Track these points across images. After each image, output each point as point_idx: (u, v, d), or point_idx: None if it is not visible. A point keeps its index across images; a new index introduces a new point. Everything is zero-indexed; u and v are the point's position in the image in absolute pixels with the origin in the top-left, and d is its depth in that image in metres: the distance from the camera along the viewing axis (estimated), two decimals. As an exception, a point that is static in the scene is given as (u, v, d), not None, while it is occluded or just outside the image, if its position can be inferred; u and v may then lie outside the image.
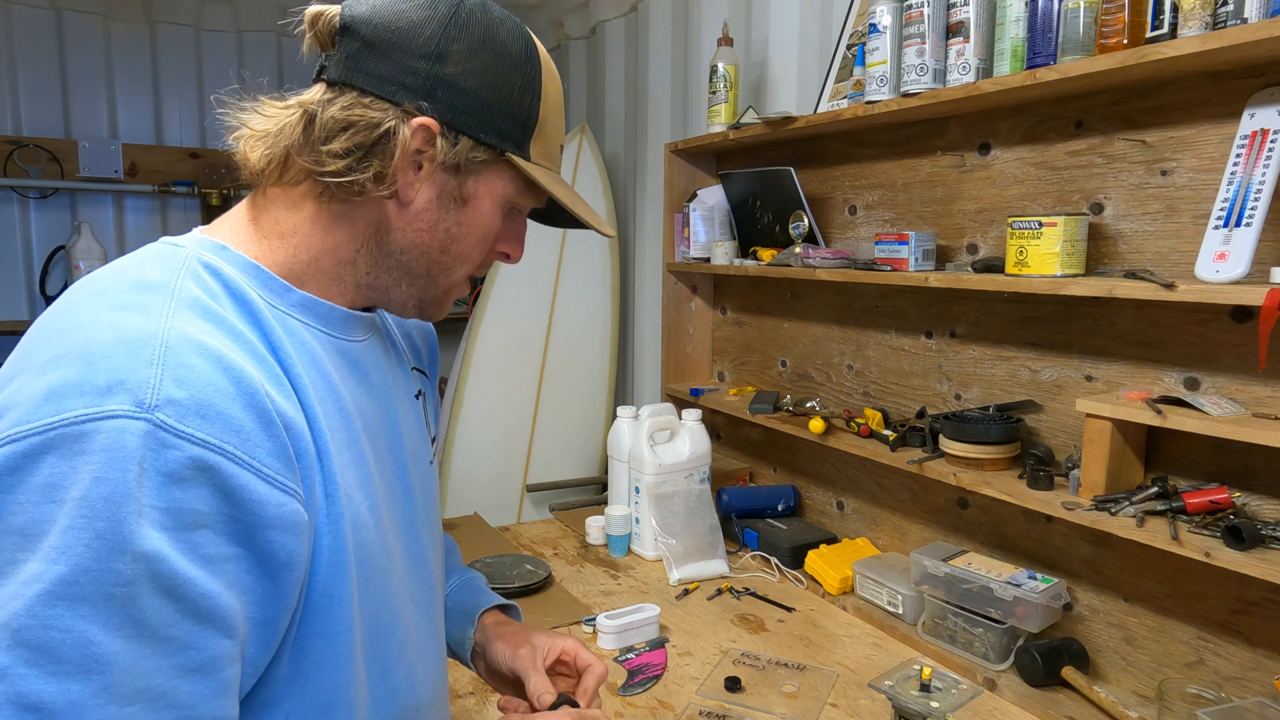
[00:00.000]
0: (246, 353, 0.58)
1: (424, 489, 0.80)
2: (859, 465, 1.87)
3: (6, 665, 0.46)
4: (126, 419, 0.49)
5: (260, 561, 0.55)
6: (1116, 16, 1.18)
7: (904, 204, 1.73)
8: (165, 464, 0.50)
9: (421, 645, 0.77)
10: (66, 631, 0.47)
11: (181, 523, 0.50)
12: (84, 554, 0.47)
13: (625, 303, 2.98)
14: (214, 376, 0.54)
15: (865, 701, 1.31)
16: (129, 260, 0.64)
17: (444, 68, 0.66)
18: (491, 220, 0.73)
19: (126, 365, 0.51)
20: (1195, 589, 1.24)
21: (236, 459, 0.53)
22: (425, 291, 0.74)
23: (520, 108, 0.70)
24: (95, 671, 0.47)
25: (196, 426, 0.51)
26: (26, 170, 2.93)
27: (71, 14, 2.99)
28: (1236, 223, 1.08)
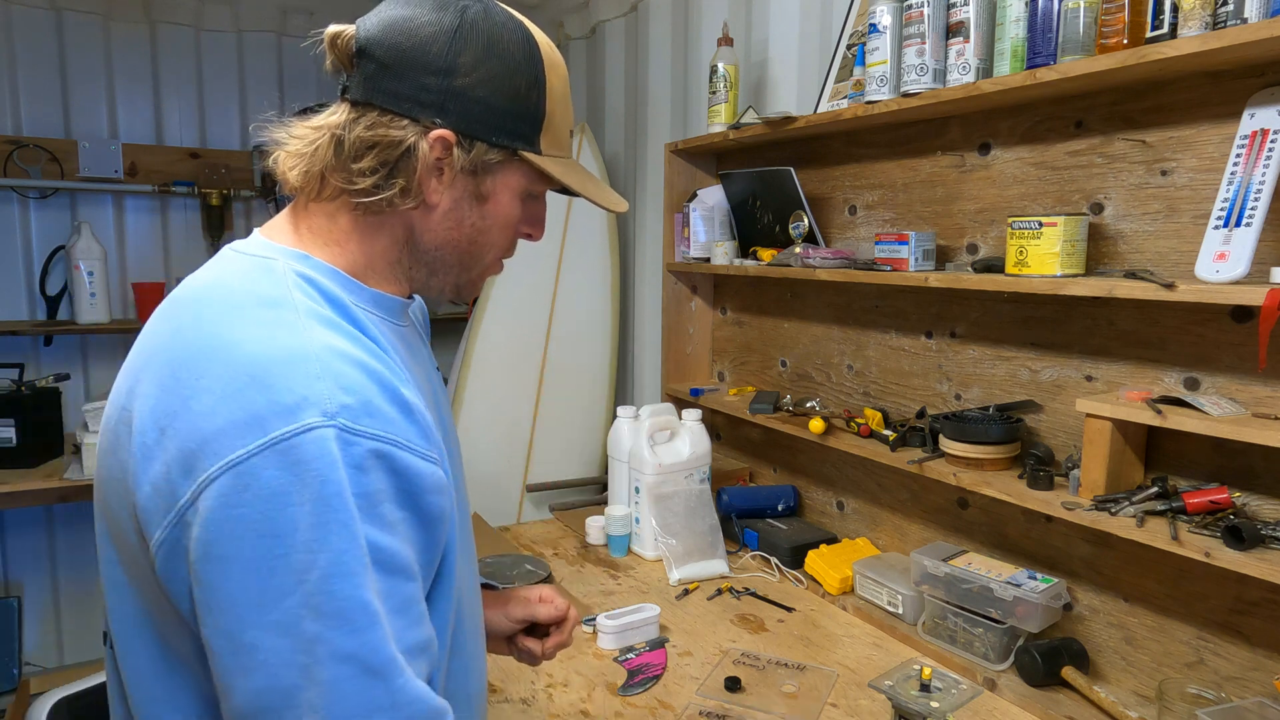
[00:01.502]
0: (367, 352, 0.68)
1: (460, 468, 0.87)
2: (859, 465, 1.87)
3: (318, 632, 0.59)
4: (321, 429, 0.60)
5: (422, 520, 0.67)
6: (1116, 16, 1.18)
7: (904, 204, 1.73)
8: (353, 458, 0.61)
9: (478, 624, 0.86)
10: (349, 599, 0.60)
11: (371, 502, 0.62)
12: (338, 540, 0.60)
13: (625, 303, 2.98)
14: (363, 380, 0.64)
15: (865, 701, 1.31)
16: (228, 274, 0.72)
17: (454, 80, 0.72)
18: (512, 210, 0.79)
19: (301, 382, 0.61)
20: (1195, 589, 1.24)
21: (399, 444, 0.64)
22: (460, 278, 0.81)
23: (527, 106, 0.75)
24: (377, 623, 0.61)
25: (368, 424, 0.63)
26: (26, 170, 2.92)
27: (71, 14, 2.99)
28: (1236, 223, 1.08)
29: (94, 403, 2.50)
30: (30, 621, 3.04)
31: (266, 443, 0.59)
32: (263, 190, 3.23)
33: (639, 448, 1.93)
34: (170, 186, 3.09)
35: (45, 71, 2.98)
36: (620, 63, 2.99)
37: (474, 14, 0.73)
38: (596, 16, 3.04)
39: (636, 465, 1.94)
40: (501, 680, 1.37)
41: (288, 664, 0.58)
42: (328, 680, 0.58)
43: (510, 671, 1.40)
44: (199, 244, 3.25)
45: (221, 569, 0.59)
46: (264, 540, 0.58)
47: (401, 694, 0.61)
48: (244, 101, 3.30)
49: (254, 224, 3.66)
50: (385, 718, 0.60)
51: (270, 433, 0.59)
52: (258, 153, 3.23)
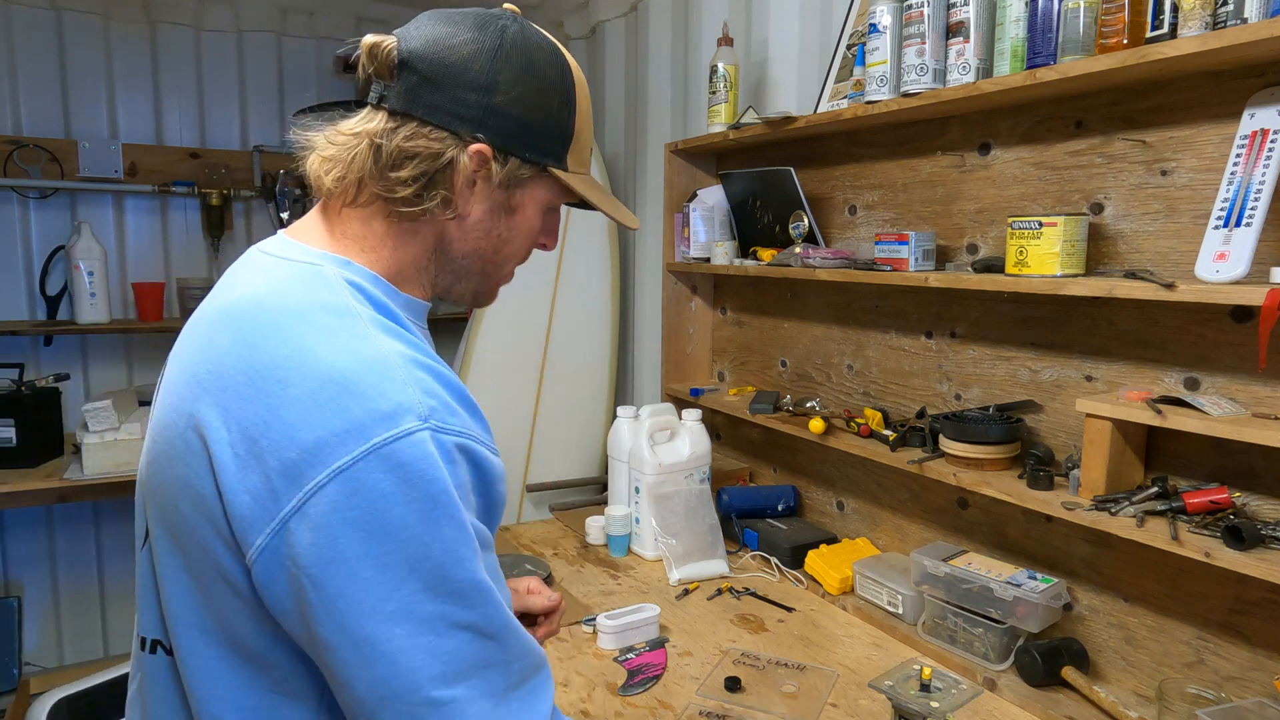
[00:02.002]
0: (428, 356, 0.72)
1: None
2: (859, 465, 1.87)
3: (438, 610, 0.64)
4: (419, 432, 0.64)
5: (488, 505, 0.73)
6: (1116, 16, 1.18)
7: (904, 204, 1.73)
8: (446, 454, 0.66)
9: None
10: (465, 582, 0.66)
11: (461, 491, 0.67)
12: (450, 531, 0.65)
13: (625, 303, 2.98)
14: (436, 383, 0.69)
15: (865, 701, 1.31)
16: (282, 282, 0.73)
17: (493, 98, 0.75)
18: (535, 222, 0.84)
19: (392, 389, 0.65)
20: (1195, 589, 1.24)
21: (476, 439, 0.70)
22: (480, 285, 0.86)
23: (558, 125, 0.80)
24: (491, 596, 0.68)
25: (451, 423, 0.67)
26: (26, 170, 2.92)
27: (71, 14, 2.99)
28: (1236, 223, 1.08)
29: (94, 403, 2.50)
30: (30, 621, 3.04)
31: (370, 448, 0.63)
32: (263, 190, 3.23)
33: (639, 448, 1.93)
34: (170, 186, 3.09)
35: (45, 71, 2.98)
36: (620, 63, 2.99)
37: (513, 34, 0.77)
38: (596, 16, 3.04)
39: (636, 465, 1.94)
40: (501, 680, 1.37)
41: (406, 648, 0.63)
42: (450, 649, 0.64)
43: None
44: (199, 244, 3.25)
45: (336, 570, 0.62)
46: (375, 540, 0.62)
47: (515, 649, 0.69)
48: (244, 101, 3.30)
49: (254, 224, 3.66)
50: (499, 670, 0.67)
51: (372, 439, 0.63)
52: (258, 153, 3.23)
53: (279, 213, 3.09)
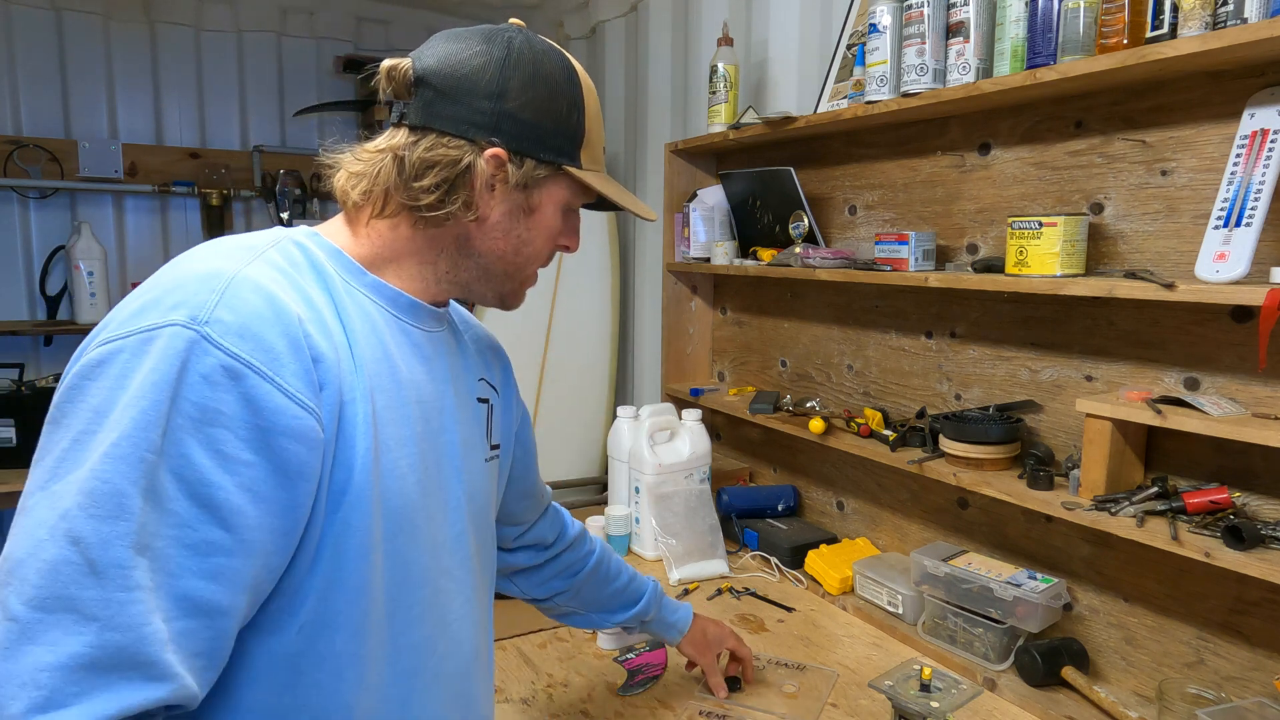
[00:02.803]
0: (298, 297, 0.70)
1: (474, 480, 0.90)
2: (859, 465, 1.87)
3: (68, 507, 0.57)
4: (181, 328, 0.62)
5: (277, 469, 0.64)
6: (1116, 16, 1.18)
7: (904, 204, 1.73)
8: (203, 366, 0.61)
9: (454, 618, 0.85)
10: (107, 483, 0.57)
11: (206, 418, 0.61)
12: (129, 425, 0.59)
13: (625, 303, 2.98)
14: (260, 308, 0.65)
15: (865, 701, 1.31)
16: (244, 234, 0.77)
17: (505, 104, 0.79)
18: (554, 222, 0.86)
19: (194, 291, 0.64)
20: (1195, 589, 1.24)
21: (262, 373, 0.63)
22: (503, 286, 0.87)
23: (569, 125, 0.82)
24: (121, 518, 0.57)
25: (234, 343, 0.63)
26: (26, 170, 2.92)
27: (71, 14, 2.99)
28: (1236, 223, 1.08)
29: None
30: (30, 621, 3.03)
31: (135, 330, 0.62)
32: (263, 190, 3.23)
33: (639, 448, 1.93)
34: (170, 186, 3.09)
35: (45, 71, 2.98)
36: (620, 63, 2.99)
37: (519, 45, 0.80)
38: (596, 16, 3.04)
39: (636, 465, 1.94)
40: (502, 680, 1.37)
41: (31, 534, 0.57)
42: (50, 558, 0.55)
43: (510, 671, 1.40)
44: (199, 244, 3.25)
45: (52, 431, 0.61)
46: (90, 415, 0.60)
47: (111, 609, 0.55)
48: (244, 101, 3.30)
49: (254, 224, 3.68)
50: (81, 624, 0.55)
51: (142, 323, 0.62)
52: (258, 153, 3.23)
53: (279, 212, 3.09)
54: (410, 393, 0.79)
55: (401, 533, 0.76)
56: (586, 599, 1.22)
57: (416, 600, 0.79)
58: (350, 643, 0.72)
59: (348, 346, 0.73)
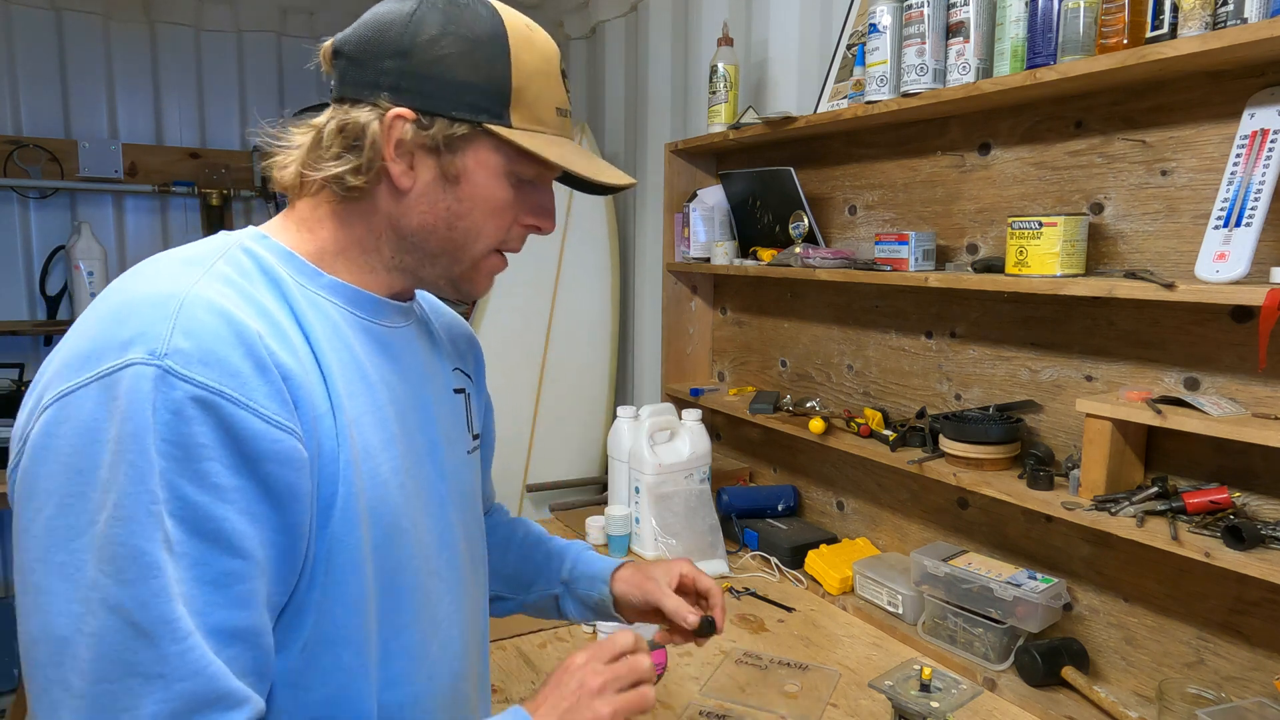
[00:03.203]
0: (255, 311, 0.66)
1: (457, 474, 0.87)
2: (859, 465, 1.87)
3: (95, 578, 0.56)
4: (141, 366, 0.58)
5: (266, 492, 0.62)
6: (1116, 16, 1.18)
7: (904, 204, 1.73)
8: (171, 402, 0.58)
9: (444, 619, 0.82)
10: (125, 545, 0.56)
11: (188, 454, 0.58)
12: (126, 482, 0.57)
13: (625, 303, 2.98)
14: (219, 329, 0.62)
15: (865, 701, 1.31)
16: (187, 245, 0.73)
17: (411, 61, 0.72)
18: (493, 192, 0.77)
19: (146, 320, 0.60)
20: (1195, 589, 1.24)
21: (234, 399, 0.60)
22: (450, 269, 0.80)
23: (490, 79, 0.73)
24: (151, 576, 0.57)
25: (198, 371, 0.59)
26: (26, 170, 2.93)
27: (71, 14, 2.99)
28: (1236, 223, 1.08)
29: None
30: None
31: (94, 376, 0.58)
32: (263, 190, 3.23)
33: (639, 448, 1.93)
34: (170, 186, 3.09)
35: (45, 71, 2.98)
36: (620, 63, 2.99)
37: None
38: (596, 16, 3.04)
39: (636, 465, 1.94)
40: (502, 680, 1.37)
41: (63, 611, 0.56)
42: (95, 630, 0.56)
43: (510, 671, 1.40)
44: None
45: (28, 501, 0.59)
46: (70, 475, 0.57)
47: (172, 662, 0.56)
48: (244, 101, 3.30)
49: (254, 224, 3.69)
50: (148, 684, 0.56)
51: (100, 366, 0.59)
52: (257, 153, 3.23)
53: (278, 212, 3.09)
54: (383, 394, 0.76)
55: (389, 540, 0.74)
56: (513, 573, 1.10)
57: (407, 605, 0.77)
58: (354, 657, 0.71)
59: (312, 356, 0.69)
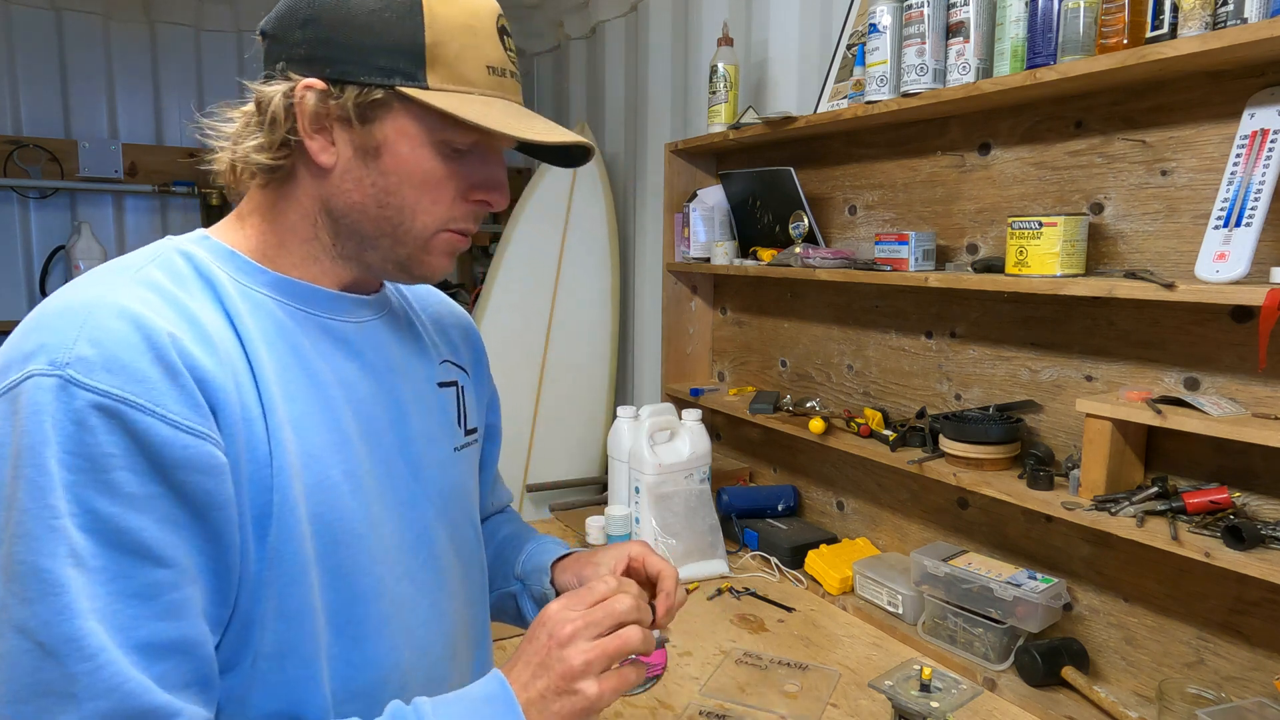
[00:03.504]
0: (177, 314, 0.63)
1: (441, 474, 0.83)
2: (859, 465, 1.87)
3: (3, 599, 0.55)
4: (41, 376, 0.57)
5: (183, 500, 0.60)
6: (1116, 16, 1.18)
7: (904, 204, 1.73)
8: (73, 412, 0.56)
9: (417, 623, 0.78)
10: (23, 563, 0.55)
11: (95, 464, 0.56)
12: (24, 498, 0.55)
13: (625, 303, 2.98)
14: (127, 335, 0.59)
15: (865, 701, 1.31)
16: (130, 253, 0.71)
17: (319, 27, 0.68)
18: (419, 163, 0.71)
19: (54, 330, 0.59)
20: (1195, 589, 1.24)
21: (139, 406, 0.58)
22: (394, 251, 0.74)
23: (400, 39, 0.68)
24: (53, 594, 0.54)
25: (103, 379, 0.57)
26: (26, 170, 2.93)
27: (71, 14, 2.99)
28: (1236, 223, 1.08)
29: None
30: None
31: (2, 389, 0.57)
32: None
33: (639, 448, 1.93)
34: (170, 186, 3.09)
35: (45, 71, 2.98)
36: (620, 63, 2.99)
37: None
38: (596, 16, 3.04)
39: (636, 465, 1.94)
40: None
41: None
42: (4, 652, 0.54)
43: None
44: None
45: None
46: None
47: (81, 681, 0.54)
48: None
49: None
50: (61, 704, 0.54)
51: (4, 380, 0.58)
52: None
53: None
54: (337, 393, 0.72)
55: (341, 546, 0.70)
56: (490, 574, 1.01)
57: (369, 614, 0.73)
58: (299, 669, 0.68)
59: (245, 359, 0.66)
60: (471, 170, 0.74)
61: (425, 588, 0.79)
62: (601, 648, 0.68)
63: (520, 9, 3.37)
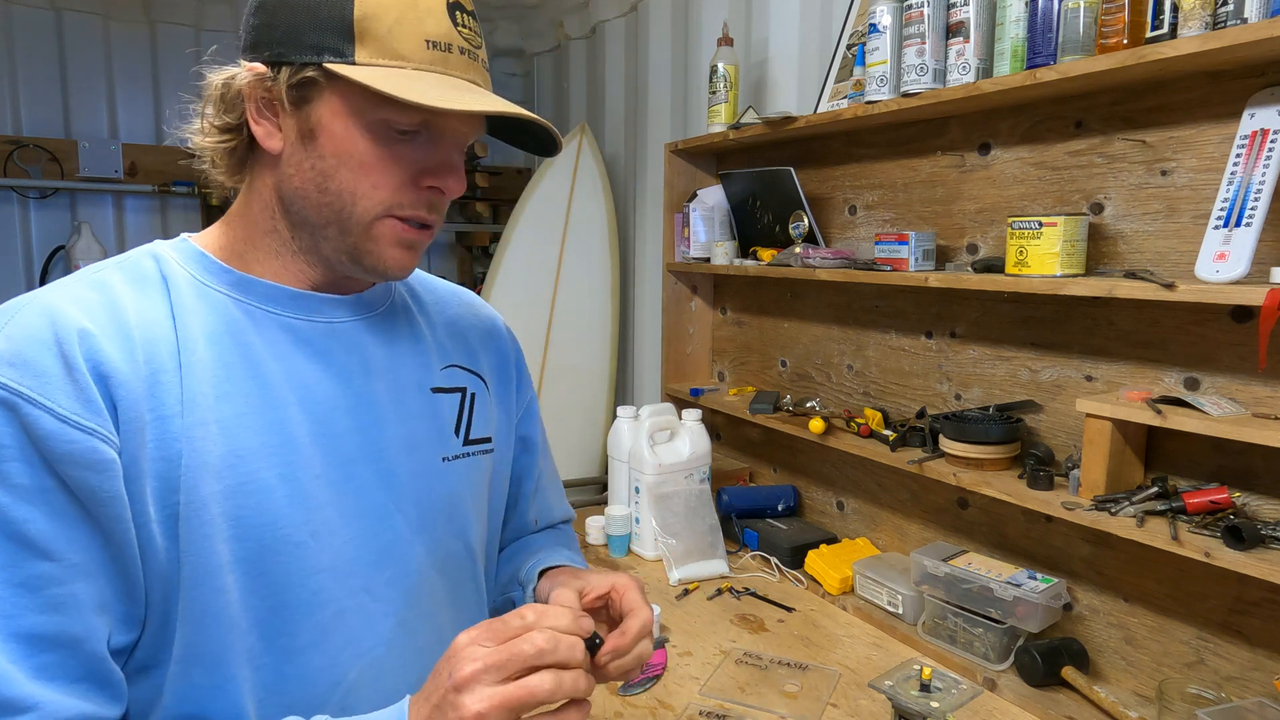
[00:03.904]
0: (106, 313, 0.64)
1: (420, 482, 0.79)
2: (859, 465, 1.87)
3: None
4: None
5: (73, 496, 0.60)
6: (1116, 16, 1.18)
7: (904, 204, 1.73)
8: None
9: (375, 641, 0.74)
10: None
11: None
12: None
13: (625, 303, 2.98)
14: (38, 331, 0.61)
15: (865, 701, 1.31)
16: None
17: (262, 14, 0.69)
18: (354, 144, 0.68)
19: None
20: (1195, 589, 1.24)
21: (32, 399, 0.59)
22: (342, 241, 0.72)
23: (330, 15, 0.66)
24: None
25: (4, 372, 0.59)
26: (26, 170, 2.93)
27: (71, 14, 2.99)
28: (1236, 223, 1.08)
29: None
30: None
31: None
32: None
33: (639, 448, 1.93)
34: (170, 186, 3.09)
35: (45, 71, 2.98)
36: (620, 63, 2.99)
37: None
38: (596, 16, 3.04)
39: (636, 465, 1.94)
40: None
41: None
42: None
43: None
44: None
45: None
46: None
47: None
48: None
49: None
50: None
51: None
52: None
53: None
54: (287, 394, 0.70)
55: (270, 552, 0.67)
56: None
57: (306, 626, 0.69)
58: (213, 674, 0.66)
59: (176, 358, 0.66)
60: (421, 154, 0.71)
61: (390, 604, 0.75)
62: (503, 696, 0.59)
63: (520, 9, 3.38)
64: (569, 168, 2.83)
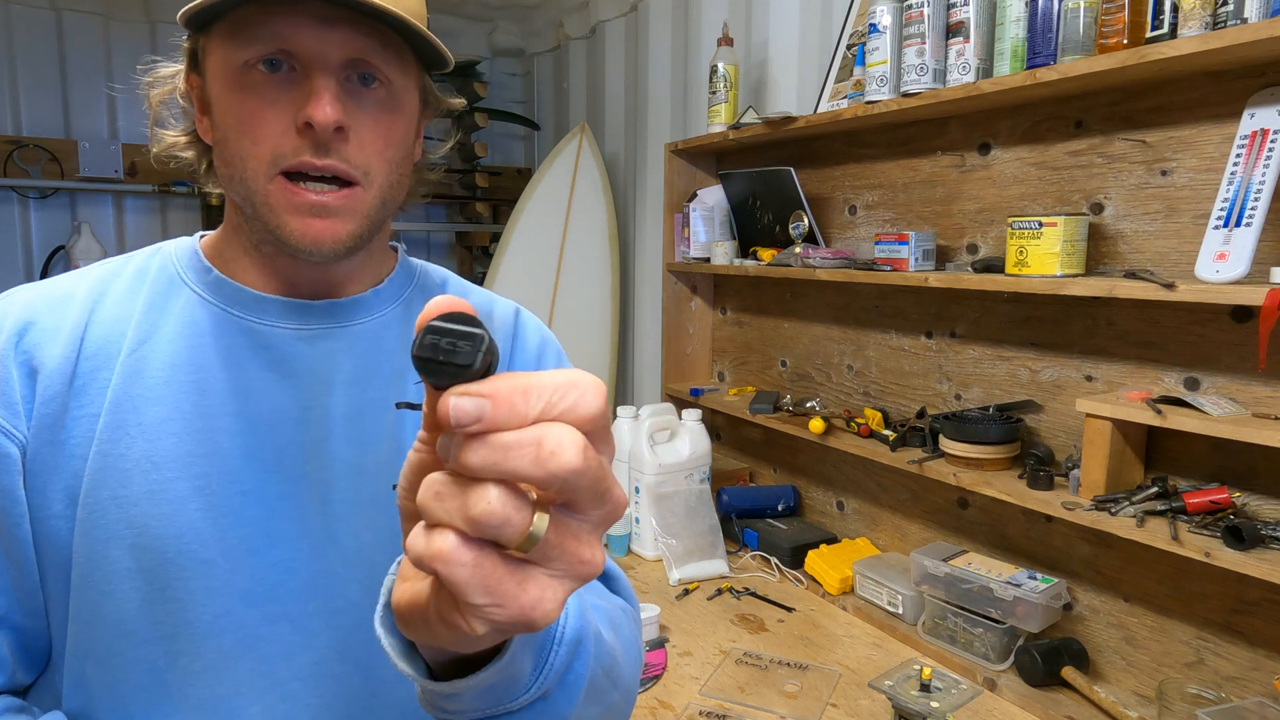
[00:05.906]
0: (59, 308, 0.67)
1: (362, 511, 0.69)
2: (859, 465, 1.87)
3: None
4: None
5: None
6: (1116, 16, 1.18)
7: (904, 204, 1.73)
8: None
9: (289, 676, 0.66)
10: None
11: None
12: None
13: (625, 303, 2.98)
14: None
15: (865, 701, 1.31)
16: None
17: None
18: (230, 100, 0.63)
19: None
20: (1195, 589, 1.24)
21: None
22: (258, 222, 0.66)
23: None
24: None
25: None
26: (26, 170, 2.92)
27: (71, 14, 2.99)
28: (1236, 223, 1.08)
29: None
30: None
31: None
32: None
33: (639, 448, 1.93)
34: (170, 187, 3.09)
35: (45, 71, 2.98)
36: (620, 63, 2.99)
37: None
38: (596, 16, 3.04)
39: (636, 465, 1.94)
40: None
41: None
42: None
43: None
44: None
45: None
46: None
47: None
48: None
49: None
50: None
51: None
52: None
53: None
54: (227, 403, 0.66)
55: (171, 565, 0.63)
56: None
57: (208, 649, 0.64)
58: (101, 672, 0.64)
59: (117, 357, 0.65)
60: (297, 94, 0.62)
61: (313, 638, 0.67)
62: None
63: (520, 9, 3.38)
64: (569, 168, 2.83)
